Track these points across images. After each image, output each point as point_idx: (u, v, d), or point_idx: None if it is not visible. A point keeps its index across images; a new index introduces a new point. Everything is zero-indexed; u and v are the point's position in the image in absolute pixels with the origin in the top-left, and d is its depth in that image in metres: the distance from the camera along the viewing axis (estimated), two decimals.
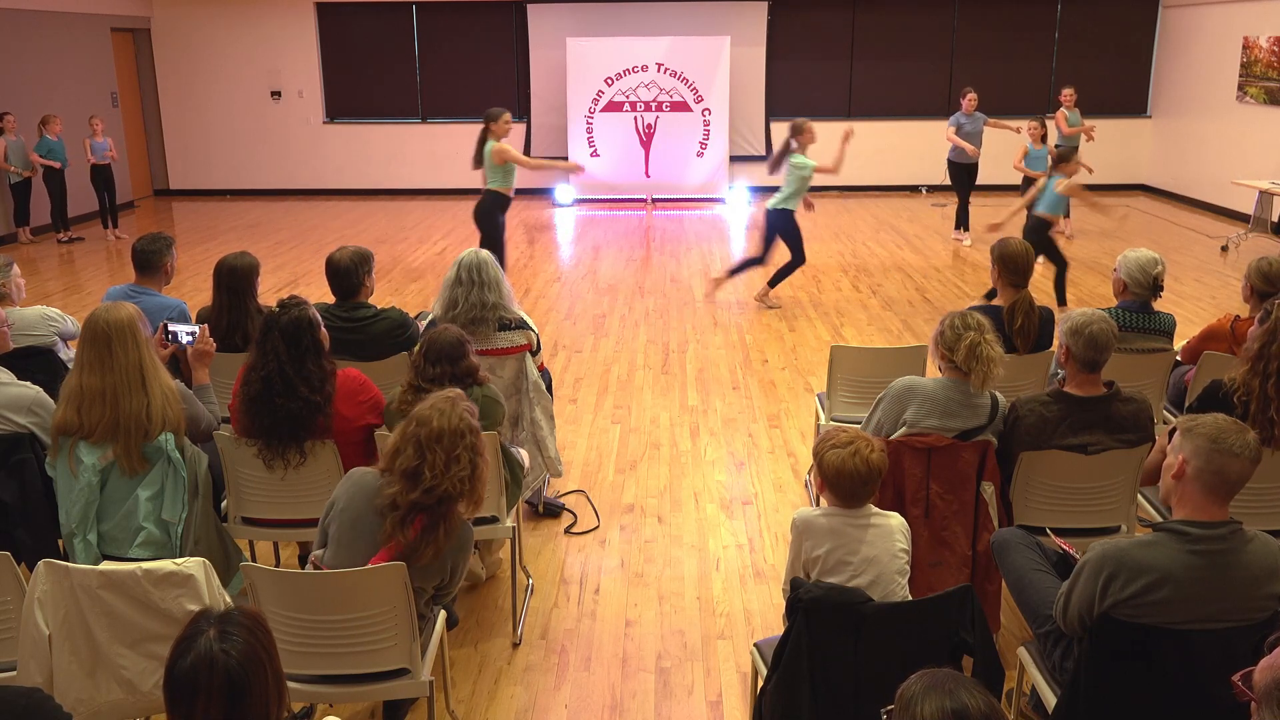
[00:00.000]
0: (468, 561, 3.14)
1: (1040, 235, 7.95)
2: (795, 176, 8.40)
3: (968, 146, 10.88)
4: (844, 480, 2.80)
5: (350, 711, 3.50)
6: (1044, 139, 10.48)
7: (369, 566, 2.82)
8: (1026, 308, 4.56)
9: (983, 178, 11.48)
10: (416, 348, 3.88)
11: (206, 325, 4.15)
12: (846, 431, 2.87)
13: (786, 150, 8.44)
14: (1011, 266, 4.67)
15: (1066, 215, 11.60)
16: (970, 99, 11.02)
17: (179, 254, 5.50)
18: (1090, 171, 11.37)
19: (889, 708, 1.85)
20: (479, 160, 8.27)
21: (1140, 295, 4.61)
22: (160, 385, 3.31)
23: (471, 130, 14.79)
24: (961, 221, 11.38)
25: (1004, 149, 12.77)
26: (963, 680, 1.77)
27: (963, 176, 11.16)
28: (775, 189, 8.87)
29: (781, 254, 8.66)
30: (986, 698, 1.74)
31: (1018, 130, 11.96)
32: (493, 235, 8.29)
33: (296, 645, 2.84)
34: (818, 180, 8.49)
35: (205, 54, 14.76)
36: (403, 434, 2.91)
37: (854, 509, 2.85)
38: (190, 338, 4.04)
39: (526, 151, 14.87)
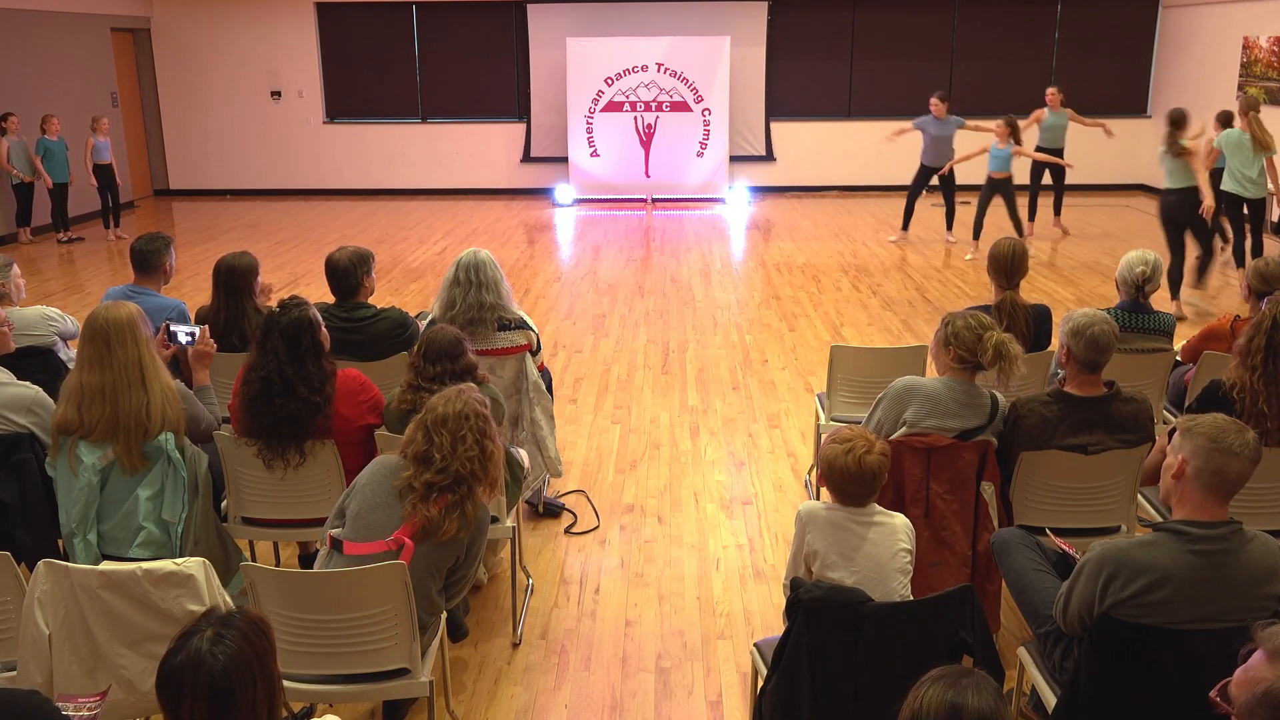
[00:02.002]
0: (484, 544, 3.19)
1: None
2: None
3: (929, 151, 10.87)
4: (835, 476, 2.81)
5: (350, 711, 3.50)
6: (1010, 138, 10.20)
7: (370, 566, 2.82)
8: (1009, 309, 4.57)
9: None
10: (415, 348, 3.89)
11: (207, 326, 4.15)
12: (853, 430, 2.88)
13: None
14: (996, 266, 4.68)
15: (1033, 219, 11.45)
16: (937, 104, 10.86)
17: (178, 254, 5.51)
18: (1070, 167, 11.29)
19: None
20: (1177, 151, 8.00)
21: (1129, 294, 4.65)
22: (160, 384, 3.31)
23: (471, 130, 14.93)
24: (907, 223, 11.42)
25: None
26: (977, 682, 1.77)
27: (923, 177, 11.10)
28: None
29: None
30: (993, 704, 1.73)
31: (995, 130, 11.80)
32: (1202, 231, 8.15)
33: (296, 645, 2.85)
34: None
35: (205, 54, 14.76)
36: (415, 422, 3.07)
37: (857, 506, 2.85)
38: (190, 338, 4.05)
39: (527, 153, 14.89)
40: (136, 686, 2.76)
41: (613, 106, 14.00)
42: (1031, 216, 11.35)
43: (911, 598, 2.82)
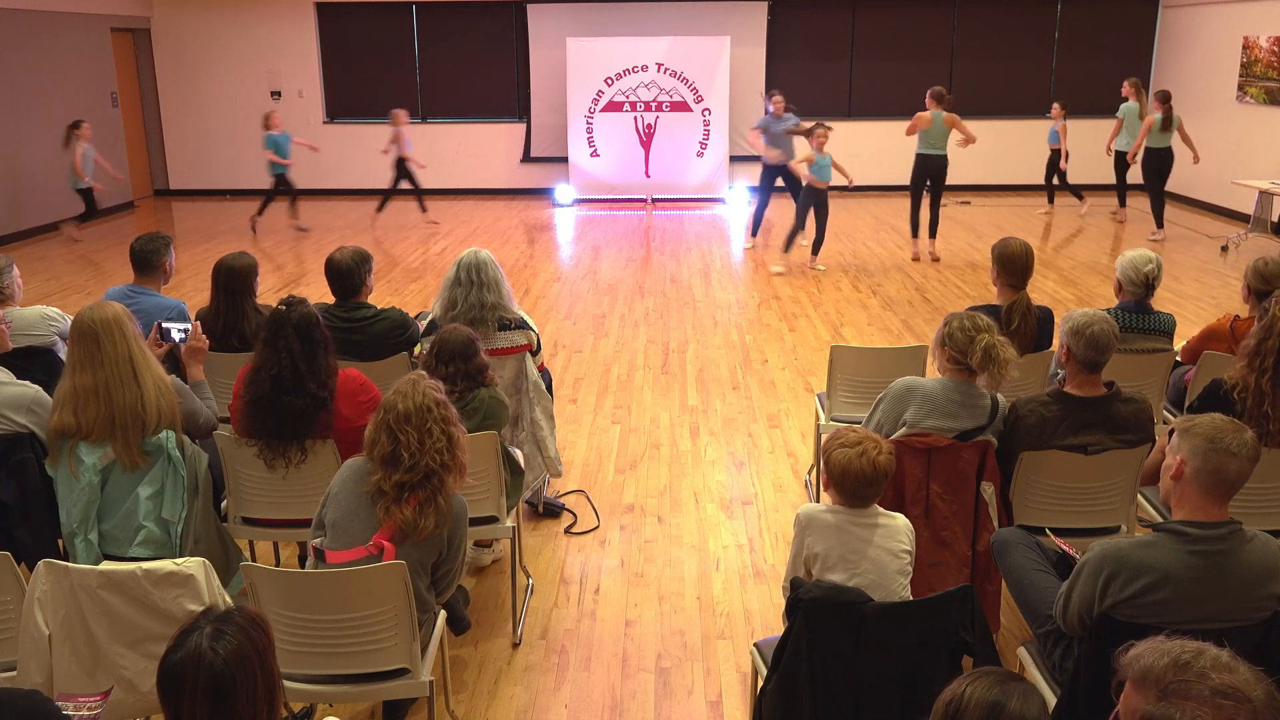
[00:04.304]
0: (465, 535, 3.15)
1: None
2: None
3: (769, 151, 10.43)
4: (849, 480, 2.79)
5: (350, 711, 3.50)
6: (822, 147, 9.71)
7: (368, 566, 2.82)
8: (1023, 309, 4.55)
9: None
10: (427, 347, 3.89)
11: (199, 323, 4.15)
12: (856, 431, 2.87)
13: None
14: (1009, 267, 4.66)
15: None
16: (776, 101, 10.59)
17: (178, 254, 5.51)
18: (850, 183, 10.52)
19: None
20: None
21: (1135, 294, 4.62)
22: (152, 377, 3.31)
23: (471, 130, 14.91)
24: (756, 229, 11.07)
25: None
26: (1025, 690, 1.76)
27: (768, 179, 10.66)
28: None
29: None
30: (1036, 715, 1.72)
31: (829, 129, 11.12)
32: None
33: (296, 645, 2.85)
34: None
35: (205, 54, 14.75)
36: (375, 424, 3.00)
37: (859, 508, 2.85)
38: (183, 335, 4.05)
39: (527, 153, 14.88)
40: (136, 686, 2.76)
41: (613, 106, 13.99)
42: (916, 232, 10.73)
43: (911, 598, 2.82)
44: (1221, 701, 1.61)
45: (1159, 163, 11.07)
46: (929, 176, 10.28)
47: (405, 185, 12.30)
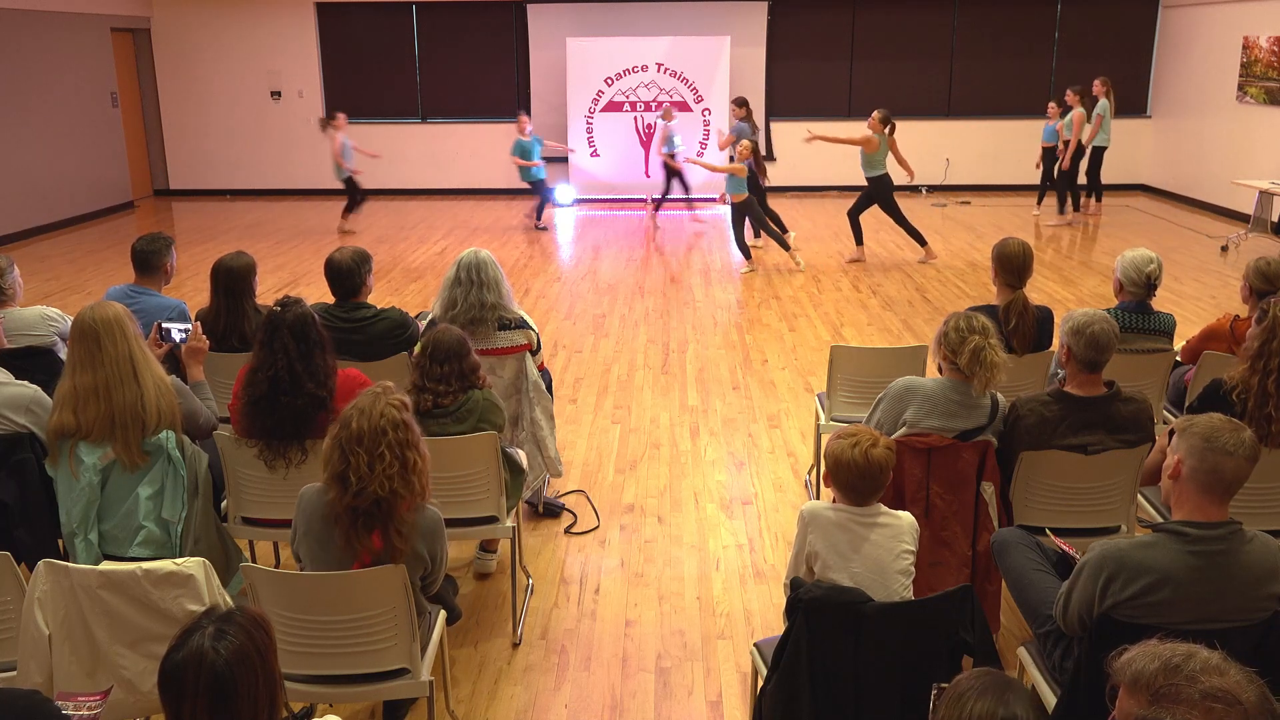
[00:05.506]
0: (445, 543, 3.09)
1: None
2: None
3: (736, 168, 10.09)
4: (842, 471, 2.80)
5: (350, 711, 3.50)
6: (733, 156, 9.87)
7: (367, 569, 2.82)
8: (1020, 309, 4.55)
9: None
10: (418, 349, 3.89)
11: (199, 323, 4.15)
12: (857, 426, 2.88)
13: None
14: (1007, 266, 4.66)
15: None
16: (734, 109, 10.74)
17: (179, 254, 5.51)
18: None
19: (942, 684, 1.84)
20: None
21: (1136, 294, 4.60)
22: (152, 376, 3.31)
23: (471, 130, 14.91)
24: (745, 251, 10.62)
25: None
26: (1018, 693, 1.78)
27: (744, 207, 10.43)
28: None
29: None
30: (1037, 714, 1.74)
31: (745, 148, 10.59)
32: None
33: (296, 645, 2.85)
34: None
35: (205, 54, 14.75)
36: (332, 437, 2.88)
37: (861, 506, 2.84)
38: (183, 334, 4.05)
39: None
40: (136, 686, 2.76)
41: (613, 106, 13.99)
42: (858, 239, 10.61)
43: (912, 598, 2.82)
44: (1212, 705, 1.61)
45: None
46: (876, 199, 10.32)
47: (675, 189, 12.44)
